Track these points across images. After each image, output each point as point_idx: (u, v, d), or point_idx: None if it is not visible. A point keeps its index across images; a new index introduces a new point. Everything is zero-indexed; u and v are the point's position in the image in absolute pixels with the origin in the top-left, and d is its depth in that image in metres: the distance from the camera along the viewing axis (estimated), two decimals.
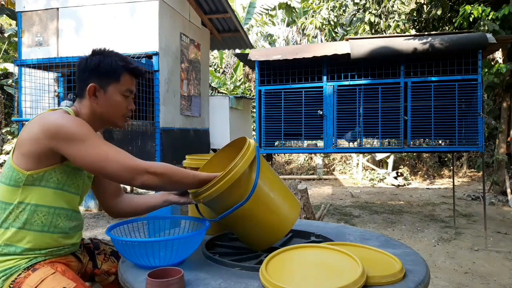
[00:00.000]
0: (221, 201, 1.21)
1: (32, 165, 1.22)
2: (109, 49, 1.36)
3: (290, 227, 1.31)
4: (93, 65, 1.30)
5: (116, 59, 1.32)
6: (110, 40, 4.66)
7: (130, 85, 1.35)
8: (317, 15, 9.18)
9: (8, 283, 1.19)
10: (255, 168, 1.22)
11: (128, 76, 1.34)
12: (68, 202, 1.31)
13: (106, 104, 1.32)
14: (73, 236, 1.36)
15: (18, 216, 1.23)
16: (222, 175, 1.17)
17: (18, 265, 1.22)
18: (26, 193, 1.23)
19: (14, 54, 11.37)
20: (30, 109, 4.35)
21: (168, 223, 1.47)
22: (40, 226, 1.25)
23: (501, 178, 6.77)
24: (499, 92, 7.00)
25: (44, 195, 1.25)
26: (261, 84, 4.53)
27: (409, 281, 1.04)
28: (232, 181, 1.16)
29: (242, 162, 1.18)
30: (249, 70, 12.36)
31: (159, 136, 4.46)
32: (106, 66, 1.30)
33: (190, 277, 1.09)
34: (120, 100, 1.33)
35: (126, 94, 1.34)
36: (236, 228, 1.31)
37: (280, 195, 1.31)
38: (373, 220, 5.25)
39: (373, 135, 4.41)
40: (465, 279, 3.17)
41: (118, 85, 1.32)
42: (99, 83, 1.30)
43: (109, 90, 1.31)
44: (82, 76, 1.33)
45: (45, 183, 1.24)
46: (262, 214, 1.26)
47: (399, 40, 4.18)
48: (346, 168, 11.05)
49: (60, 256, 1.32)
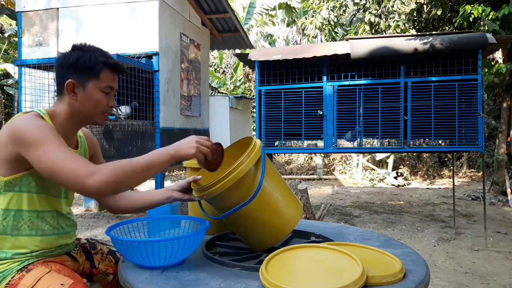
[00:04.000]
0: (225, 199, 1.21)
1: (5, 171, 1.19)
2: (90, 44, 1.31)
3: (292, 229, 1.31)
4: (71, 61, 1.25)
5: (96, 54, 1.27)
6: (110, 40, 4.66)
7: (110, 82, 1.29)
8: (317, 15, 9.19)
9: (2, 286, 1.18)
10: (260, 168, 1.21)
11: (108, 72, 1.28)
12: (51, 205, 1.29)
13: (85, 101, 1.27)
14: (65, 237, 1.34)
15: (3, 223, 1.22)
16: (227, 173, 1.16)
17: (10, 268, 1.20)
18: (7, 199, 1.22)
19: (14, 54, 11.37)
20: (30, 109, 4.34)
21: (168, 223, 1.47)
22: (27, 231, 1.24)
23: (501, 178, 6.77)
24: (499, 92, 7.00)
25: (25, 200, 1.23)
26: (261, 84, 4.53)
27: (409, 281, 1.04)
28: (237, 179, 1.15)
29: (247, 160, 1.16)
30: (249, 70, 12.37)
31: (159, 136, 4.46)
32: (85, 62, 1.25)
33: (190, 277, 1.09)
34: (100, 97, 1.28)
35: (106, 90, 1.29)
36: (238, 227, 1.30)
37: (284, 197, 1.31)
38: (373, 220, 5.25)
39: (373, 135, 4.41)
40: (465, 279, 3.17)
41: (97, 82, 1.27)
42: (77, 79, 1.26)
43: (88, 87, 1.26)
44: (60, 72, 1.28)
45: (25, 188, 1.22)
46: (265, 214, 1.25)
47: (399, 40, 4.18)
48: (346, 168, 11.05)
49: (54, 256, 1.31)
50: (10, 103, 10.65)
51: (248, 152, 1.18)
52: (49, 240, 1.29)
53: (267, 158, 1.26)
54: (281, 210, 1.29)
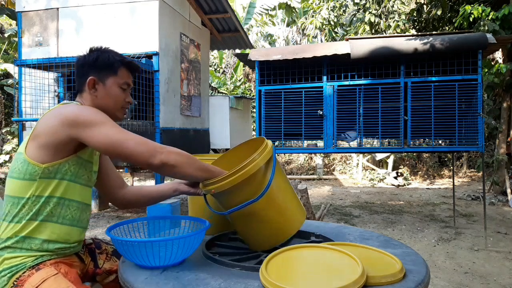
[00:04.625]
0: (232, 195, 1.21)
1: (48, 157, 1.24)
2: (106, 47, 1.43)
3: (296, 231, 1.31)
4: (91, 60, 1.37)
5: (113, 54, 1.40)
6: (110, 40, 4.66)
7: (127, 78, 1.41)
8: (317, 15, 9.19)
9: (13, 280, 1.21)
10: (270, 168, 1.24)
11: (124, 70, 1.40)
12: (81, 194, 1.35)
13: (105, 95, 1.37)
14: (79, 232, 1.37)
15: (32, 210, 1.25)
16: (238, 168, 1.17)
17: (24, 263, 1.23)
18: (43, 186, 1.25)
19: (14, 54, 11.37)
20: (30, 109, 4.34)
21: (168, 223, 1.47)
22: (66, 219, 1.30)
23: (501, 178, 6.77)
24: (499, 92, 7.00)
25: (59, 187, 1.28)
26: (261, 84, 4.53)
27: (409, 281, 1.04)
28: (248, 175, 1.16)
29: (259, 158, 1.18)
30: (249, 70, 12.37)
31: (159, 136, 4.46)
32: (104, 60, 1.37)
33: (190, 277, 1.09)
34: (118, 92, 1.39)
35: (124, 87, 1.40)
36: (241, 225, 1.31)
37: (289, 198, 1.32)
38: (373, 220, 5.25)
39: (373, 135, 4.41)
40: (465, 279, 3.17)
41: (116, 78, 1.38)
42: (98, 76, 1.36)
43: (107, 83, 1.37)
44: (81, 71, 1.38)
45: (61, 176, 1.27)
46: (271, 213, 1.26)
47: (399, 40, 4.18)
48: (346, 168, 11.05)
49: (65, 256, 1.34)
50: (10, 103, 10.65)
51: (260, 151, 1.20)
52: (66, 231, 1.31)
53: (277, 159, 1.27)
54: (287, 210, 1.30)
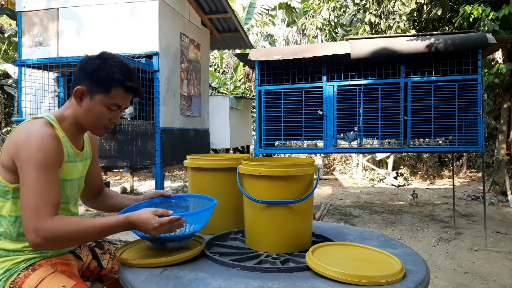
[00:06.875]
0: (274, 187, 1.29)
1: (14, 178, 1.19)
2: (117, 57, 1.30)
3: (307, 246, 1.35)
4: (90, 69, 1.26)
5: (118, 69, 1.26)
6: (110, 40, 4.66)
7: (119, 100, 1.28)
8: (317, 16, 9.18)
9: (8, 283, 1.20)
10: (313, 184, 1.39)
11: (121, 91, 1.27)
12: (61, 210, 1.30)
13: (88, 110, 1.27)
14: None
15: (9, 228, 1.23)
16: (294, 164, 1.30)
17: (17, 266, 1.22)
18: (15, 206, 1.22)
19: (14, 54, 11.37)
20: (30, 109, 4.34)
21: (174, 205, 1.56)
22: None
23: (501, 178, 6.76)
24: (499, 92, 7.00)
25: None
26: (261, 84, 4.53)
27: (409, 281, 1.04)
28: (301, 173, 1.29)
29: (312, 167, 1.34)
30: (249, 70, 12.37)
31: (159, 136, 4.46)
32: (102, 74, 1.25)
33: (190, 277, 1.09)
34: (103, 112, 1.28)
35: (112, 108, 1.28)
36: (264, 221, 1.33)
37: (311, 218, 1.43)
38: (373, 220, 5.25)
39: (373, 135, 4.40)
40: (465, 279, 3.17)
41: (106, 97, 1.26)
42: (88, 87, 1.26)
43: (95, 98, 1.26)
44: (77, 74, 1.29)
45: None
46: (300, 219, 1.34)
47: (399, 40, 4.18)
48: (346, 168, 11.05)
49: (59, 255, 1.33)
50: (10, 103, 10.65)
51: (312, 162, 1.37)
52: None
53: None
54: (309, 223, 1.40)
